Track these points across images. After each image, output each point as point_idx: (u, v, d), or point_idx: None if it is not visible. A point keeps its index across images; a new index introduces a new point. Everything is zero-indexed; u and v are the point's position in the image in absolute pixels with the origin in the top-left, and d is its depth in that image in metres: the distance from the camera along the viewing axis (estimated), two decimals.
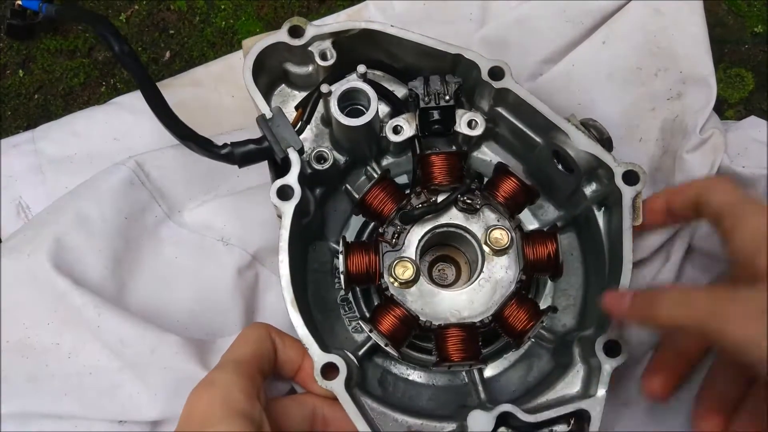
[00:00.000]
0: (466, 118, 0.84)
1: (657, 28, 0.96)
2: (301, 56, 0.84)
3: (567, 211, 0.88)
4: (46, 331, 0.82)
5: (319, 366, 0.73)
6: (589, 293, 0.86)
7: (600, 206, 0.82)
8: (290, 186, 0.76)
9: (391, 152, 0.90)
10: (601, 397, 0.74)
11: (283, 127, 0.78)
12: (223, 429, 0.63)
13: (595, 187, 0.82)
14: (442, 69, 0.83)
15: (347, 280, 0.79)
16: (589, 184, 0.82)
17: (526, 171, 0.89)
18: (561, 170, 0.82)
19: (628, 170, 0.77)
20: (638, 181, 0.77)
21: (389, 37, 0.82)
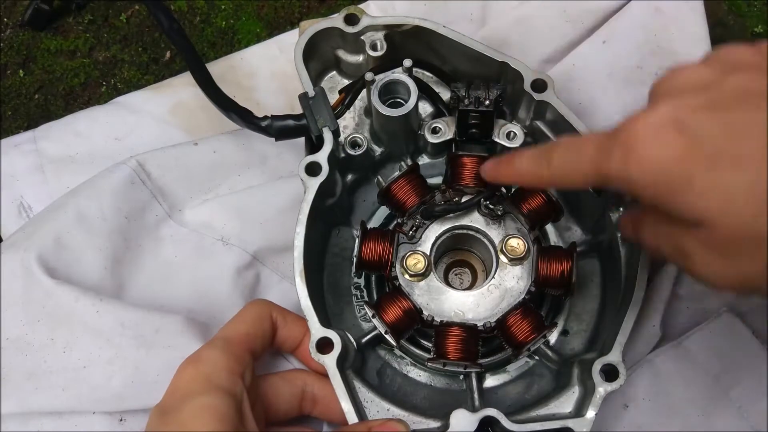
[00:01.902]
0: (505, 129, 0.84)
1: (657, 28, 0.96)
2: (354, 45, 0.86)
3: (593, 236, 0.88)
4: (40, 327, 0.82)
5: (316, 339, 0.74)
6: (602, 321, 0.85)
7: None
8: (318, 163, 0.79)
9: (428, 152, 0.91)
10: (590, 419, 0.73)
11: (323, 107, 0.81)
12: (203, 402, 0.66)
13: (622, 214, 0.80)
14: (488, 76, 0.84)
15: (359, 264, 0.80)
16: (617, 210, 0.80)
17: (558, 189, 0.89)
18: (590, 191, 0.82)
19: None
20: None
21: (439, 37, 0.84)
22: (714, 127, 0.51)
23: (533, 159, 0.67)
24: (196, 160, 0.94)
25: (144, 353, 0.81)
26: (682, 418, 0.87)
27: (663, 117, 0.53)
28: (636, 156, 0.54)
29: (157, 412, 0.69)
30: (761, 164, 0.49)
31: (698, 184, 0.51)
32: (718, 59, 0.56)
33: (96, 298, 0.82)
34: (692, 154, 0.51)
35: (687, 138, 0.52)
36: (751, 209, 0.49)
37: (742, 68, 0.54)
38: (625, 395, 0.87)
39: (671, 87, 0.56)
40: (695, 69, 0.56)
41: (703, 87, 0.54)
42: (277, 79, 1.04)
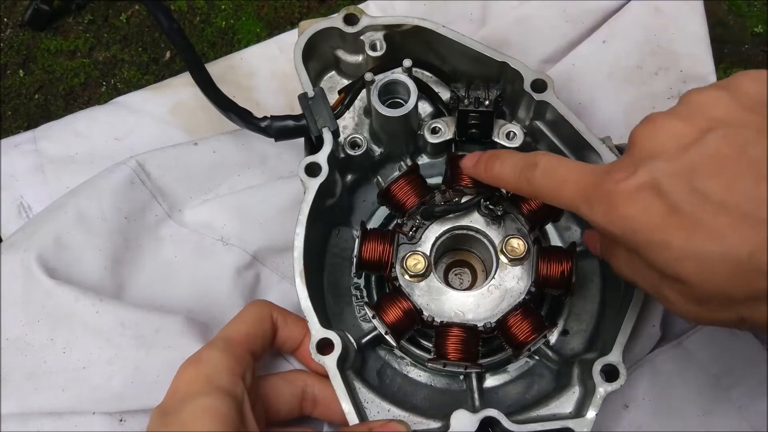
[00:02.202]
0: (505, 129, 0.84)
1: (657, 28, 0.96)
2: (353, 45, 0.86)
3: None
4: (40, 327, 0.82)
5: (316, 340, 0.74)
6: (602, 321, 0.85)
7: None
8: (318, 164, 0.79)
9: (428, 152, 0.91)
10: (590, 419, 0.74)
11: (322, 108, 0.81)
12: (203, 403, 0.66)
13: None
14: (488, 76, 0.84)
15: (359, 264, 0.80)
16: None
17: None
18: None
19: None
20: None
21: (439, 37, 0.83)
22: (691, 197, 0.53)
23: (515, 170, 0.69)
24: (196, 160, 0.94)
25: (144, 353, 0.81)
26: (682, 418, 0.87)
27: (644, 180, 0.55)
28: (617, 214, 0.57)
29: (158, 413, 0.70)
30: (733, 236, 0.51)
31: (676, 249, 0.54)
32: (696, 112, 0.57)
33: (96, 299, 0.82)
34: (670, 220, 0.54)
35: (665, 204, 0.54)
36: (726, 276, 0.52)
37: (719, 125, 0.55)
38: (625, 395, 0.87)
39: (652, 148, 0.57)
40: (674, 125, 0.57)
41: (681, 149, 0.55)
42: (276, 79, 1.04)
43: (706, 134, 0.55)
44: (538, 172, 0.65)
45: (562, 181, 0.63)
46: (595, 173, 0.60)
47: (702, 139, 0.55)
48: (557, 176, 0.63)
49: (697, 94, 0.59)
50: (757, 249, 0.51)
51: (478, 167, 0.75)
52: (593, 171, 0.60)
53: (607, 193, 0.57)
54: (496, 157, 0.72)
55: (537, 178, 0.65)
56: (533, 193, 0.67)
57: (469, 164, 0.77)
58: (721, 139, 0.54)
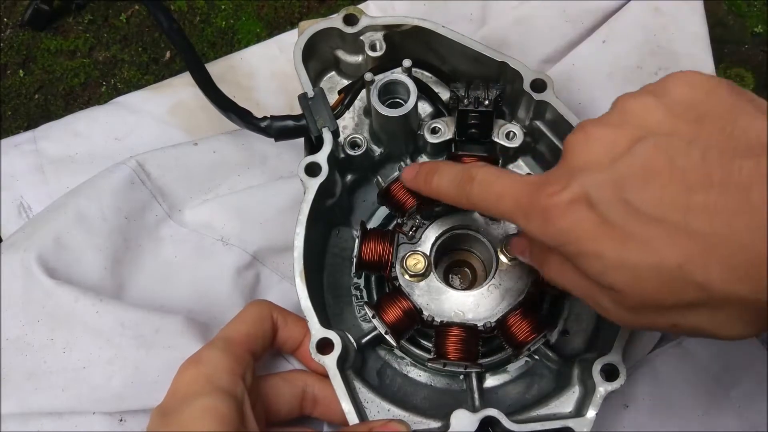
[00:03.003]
0: (504, 129, 0.84)
1: (657, 28, 0.96)
2: (353, 45, 0.86)
3: None
4: (40, 327, 0.82)
5: (316, 339, 0.74)
6: (601, 322, 0.85)
7: None
8: (318, 164, 0.79)
9: (428, 152, 0.90)
10: (590, 419, 0.74)
11: (322, 108, 0.81)
12: (203, 403, 0.66)
13: None
14: (488, 76, 0.84)
15: (359, 264, 0.81)
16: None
17: None
18: None
19: None
20: None
21: (439, 37, 0.83)
22: (622, 208, 0.54)
23: (453, 183, 0.69)
24: (195, 160, 0.94)
25: (144, 353, 0.81)
26: (682, 418, 0.87)
27: (577, 193, 0.56)
28: (552, 227, 0.57)
29: (158, 413, 0.70)
30: (663, 247, 0.52)
31: (609, 259, 0.55)
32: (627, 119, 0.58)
33: (96, 299, 0.82)
34: (602, 231, 0.55)
35: (597, 215, 0.55)
36: (657, 286, 0.54)
37: (646, 136, 0.55)
38: (626, 395, 0.87)
39: (584, 159, 0.58)
40: (605, 134, 0.57)
41: (612, 159, 0.56)
42: (276, 79, 1.04)
43: (635, 144, 0.55)
44: (475, 186, 0.65)
45: (499, 195, 0.63)
46: (530, 186, 0.60)
47: (632, 149, 0.55)
48: (494, 190, 0.64)
49: (628, 100, 0.59)
50: (685, 260, 0.51)
51: (418, 180, 0.74)
52: (528, 184, 0.60)
53: (542, 206, 0.57)
54: (434, 170, 0.72)
55: (475, 193, 0.66)
56: (472, 206, 0.67)
57: (408, 177, 0.76)
58: (651, 149, 0.54)
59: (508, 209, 0.62)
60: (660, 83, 0.59)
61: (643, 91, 0.60)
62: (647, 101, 0.58)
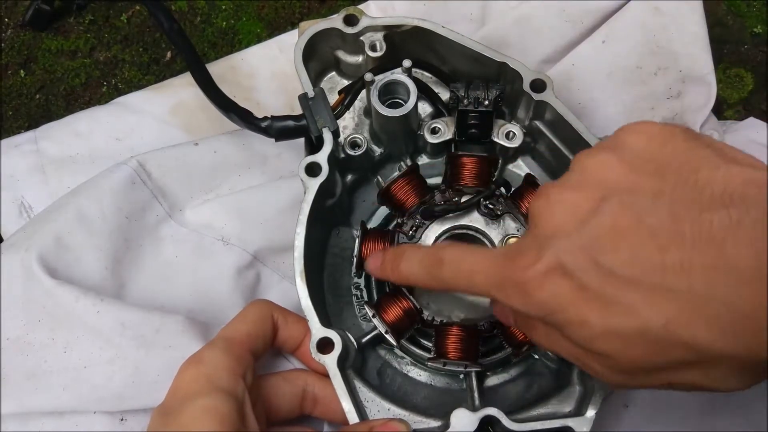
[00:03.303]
0: (504, 129, 0.84)
1: (657, 27, 0.96)
2: (353, 45, 0.86)
3: None
4: (40, 327, 0.82)
5: (316, 339, 0.74)
6: None
7: None
8: (318, 164, 0.79)
9: (428, 153, 0.91)
10: (590, 418, 0.74)
11: (322, 108, 0.81)
12: (204, 403, 0.66)
13: None
14: (488, 76, 0.84)
15: (359, 264, 0.81)
16: None
17: None
18: None
19: None
20: None
21: (439, 38, 0.84)
22: (597, 274, 0.53)
23: (422, 268, 0.67)
24: (196, 160, 0.94)
25: (144, 353, 0.81)
26: (682, 418, 0.87)
27: (550, 263, 0.54)
28: (532, 300, 0.56)
29: (158, 413, 0.70)
30: (644, 309, 0.51)
31: (594, 327, 0.53)
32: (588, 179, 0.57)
33: (96, 298, 0.82)
34: (582, 299, 0.53)
35: (574, 283, 0.53)
36: (645, 349, 0.52)
37: (612, 193, 0.54)
38: (626, 395, 0.87)
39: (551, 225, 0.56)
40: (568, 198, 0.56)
41: (579, 223, 0.55)
42: (277, 80, 1.04)
43: (601, 204, 0.54)
44: (445, 268, 0.64)
45: (471, 273, 0.62)
46: (502, 261, 0.58)
47: (598, 210, 0.54)
48: (464, 270, 0.62)
49: (586, 159, 0.58)
50: (669, 321, 0.50)
51: (385, 269, 0.72)
52: (499, 258, 0.59)
53: (517, 280, 0.56)
54: (399, 257, 0.70)
55: (446, 275, 0.64)
56: (446, 289, 0.66)
57: (373, 267, 0.74)
58: (617, 208, 0.53)
59: (482, 286, 0.61)
60: (614, 137, 0.58)
61: (599, 147, 0.59)
62: (605, 158, 0.57)
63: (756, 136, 0.95)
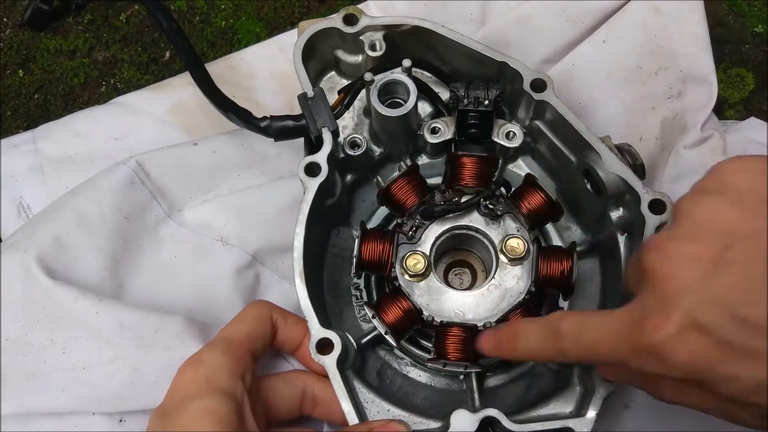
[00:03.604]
0: (504, 129, 0.84)
1: (657, 27, 0.96)
2: (353, 45, 0.86)
3: (593, 236, 0.88)
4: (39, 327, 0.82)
5: (316, 339, 0.74)
6: None
7: (624, 232, 0.81)
8: (318, 163, 0.79)
9: (428, 153, 0.91)
10: (591, 419, 0.73)
11: (322, 108, 0.81)
12: (203, 404, 0.67)
13: (621, 213, 0.81)
14: (488, 76, 0.84)
15: (358, 264, 0.80)
16: (616, 209, 0.81)
17: (558, 190, 0.89)
18: (589, 191, 0.82)
19: (654, 199, 0.76)
20: (664, 211, 0.75)
21: (438, 37, 0.84)
22: (736, 327, 0.52)
23: (542, 345, 0.66)
24: (195, 160, 0.94)
25: (143, 354, 0.81)
26: (682, 418, 0.86)
27: (681, 322, 0.53)
28: (671, 364, 0.55)
29: (157, 414, 0.70)
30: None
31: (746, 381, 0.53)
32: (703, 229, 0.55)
33: (96, 299, 0.82)
34: (727, 354, 0.53)
35: (713, 339, 0.53)
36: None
37: (732, 241, 0.53)
38: (626, 395, 0.87)
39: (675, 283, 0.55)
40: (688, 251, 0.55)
41: (705, 277, 0.53)
42: (276, 79, 1.04)
43: (723, 254, 0.53)
44: (565, 341, 0.63)
45: (594, 344, 0.61)
46: (627, 326, 0.57)
47: (722, 261, 0.53)
48: (587, 340, 0.61)
49: (693, 206, 0.57)
50: None
51: (502, 349, 0.72)
52: (623, 324, 0.58)
53: (650, 345, 0.55)
54: (515, 336, 0.69)
55: (568, 348, 0.63)
56: (570, 362, 0.66)
57: (488, 348, 0.73)
58: (742, 256, 0.52)
59: (609, 356, 0.60)
60: (714, 178, 0.57)
61: (702, 191, 0.57)
62: (714, 204, 0.55)
63: (756, 136, 0.95)
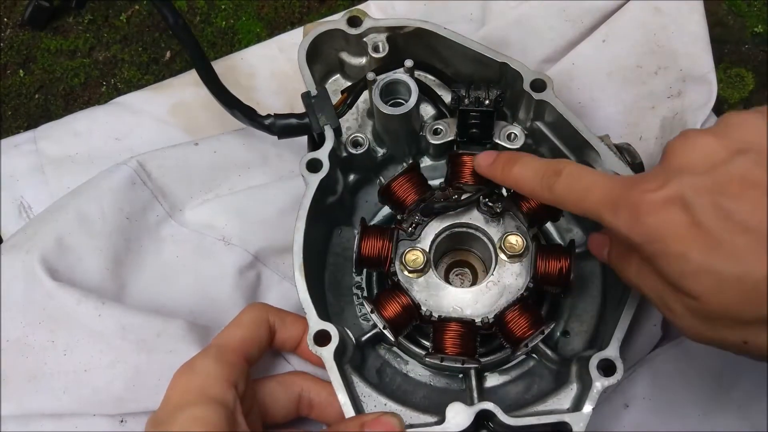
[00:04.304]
0: (506, 131, 0.85)
1: (657, 27, 0.96)
2: (357, 47, 0.87)
3: None
4: (41, 329, 0.82)
5: (313, 332, 0.75)
6: (602, 322, 0.85)
7: None
8: (320, 160, 0.80)
9: (430, 154, 0.91)
10: (587, 414, 0.73)
11: (325, 106, 0.82)
12: (194, 413, 0.67)
13: None
14: (490, 77, 0.85)
15: (358, 260, 0.81)
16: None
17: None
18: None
19: None
20: None
21: (440, 39, 0.84)
22: (715, 214, 0.55)
23: (536, 176, 0.69)
24: (196, 160, 0.94)
25: (145, 357, 0.81)
26: (683, 418, 0.87)
27: (672, 193, 0.57)
28: (641, 222, 0.58)
29: (151, 423, 0.71)
30: (751, 258, 0.53)
31: (693, 264, 0.55)
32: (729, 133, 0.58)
33: (98, 301, 0.82)
34: (691, 235, 0.55)
35: (689, 218, 0.56)
36: (739, 297, 0.54)
37: (748, 150, 0.56)
38: (626, 395, 0.87)
39: (683, 162, 0.58)
40: (707, 143, 0.58)
41: (711, 167, 0.57)
42: (276, 79, 1.04)
43: (736, 155, 0.56)
44: (561, 180, 0.66)
45: (587, 189, 0.63)
46: (624, 182, 0.61)
47: (732, 160, 0.56)
48: (582, 184, 0.64)
49: (736, 116, 0.60)
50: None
51: (495, 168, 0.75)
52: (621, 180, 0.61)
53: (634, 201, 0.58)
54: (515, 161, 0.72)
55: (560, 186, 0.66)
56: (553, 200, 0.68)
57: (483, 163, 0.77)
58: (751, 162, 0.55)
59: (594, 203, 0.63)
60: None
61: (752, 110, 0.60)
62: (752, 118, 0.58)
63: None
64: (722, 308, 0.55)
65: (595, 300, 0.87)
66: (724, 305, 0.55)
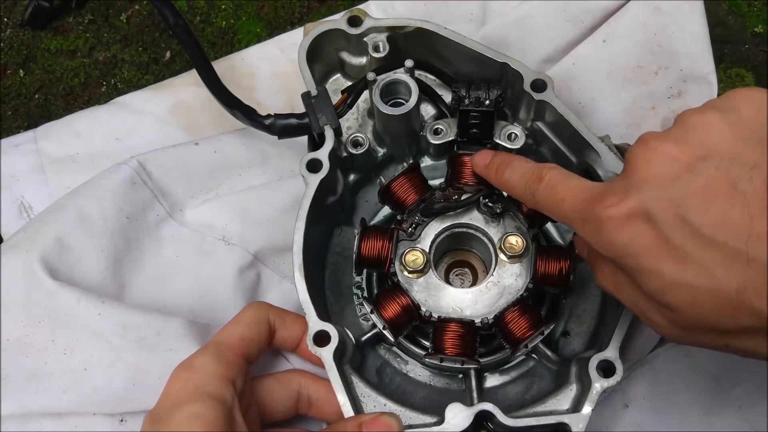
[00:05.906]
0: (506, 131, 0.85)
1: (657, 27, 0.96)
2: (357, 47, 0.87)
3: None
4: (41, 328, 0.82)
5: (313, 332, 0.75)
6: (602, 323, 0.85)
7: None
8: (320, 160, 0.80)
9: (431, 154, 0.92)
10: (586, 415, 0.73)
11: (325, 106, 0.82)
12: (192, 410, 0.67)
13: None
14: (490, 77, 0.85)
15: (358, 260, 0.81)
16: None
17: None
18: None
19: None
20: None
21: (440, 39, 0.84)
22: (681, 229, 0.54)
23: (522, 180, 0.69)
24: (196, 160, 0.94)
25: (146, 356, 0.81)
26: (683, 418, 0.87)
27: (633, 207, 0.56)
28: (605, 239, 0.58)
29: (149, 420, 0.70)
30: (721, 272, 0.53)
31: (667, 278, 0.55)
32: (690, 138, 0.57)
33: (98, 301, 0.82)
34: (661, 249, 0.55)
35: (656, 232, 0.55)
36: (713, 309, 0.54)
37: (710, 156, 0.55)
38: (626, 395, 0.87)
39: (644, 173, 0.57)
40: (667, 150, 0.57)
41: (673, 177, 0.55)
42: (277, 80, 1.04)
43: (697, 163, 0.55)
44: (542, 186, 0.66)
45: (561, 198, 0.64)
46: (590, 195, 0.60)
47: (694, 168, 0.55)
48: (558, 193, 0.64)
49: (693, 116, 0.58)
50: (744, 287, 0.52)
51: (489, 169, 0.75)
52: (589, 191, 0.61)
53: (597, 216, 0.58)
54: (507, 164, 0.73)
55: (540, 192, 0.66)
56: (536, 206, 0.68)
57: (480, 163, 0.77)
58: (713, 170, 0.54)
59: (566, 214, 0.63)
60: (726, 99, 0.59)
61: (708, 106, 0.59)
62: (712, 118, 0.57)
63: None
64: (700, 319, 0.55)
65: (595, 301, 0.87)
66: (702, 317, 0.55)
